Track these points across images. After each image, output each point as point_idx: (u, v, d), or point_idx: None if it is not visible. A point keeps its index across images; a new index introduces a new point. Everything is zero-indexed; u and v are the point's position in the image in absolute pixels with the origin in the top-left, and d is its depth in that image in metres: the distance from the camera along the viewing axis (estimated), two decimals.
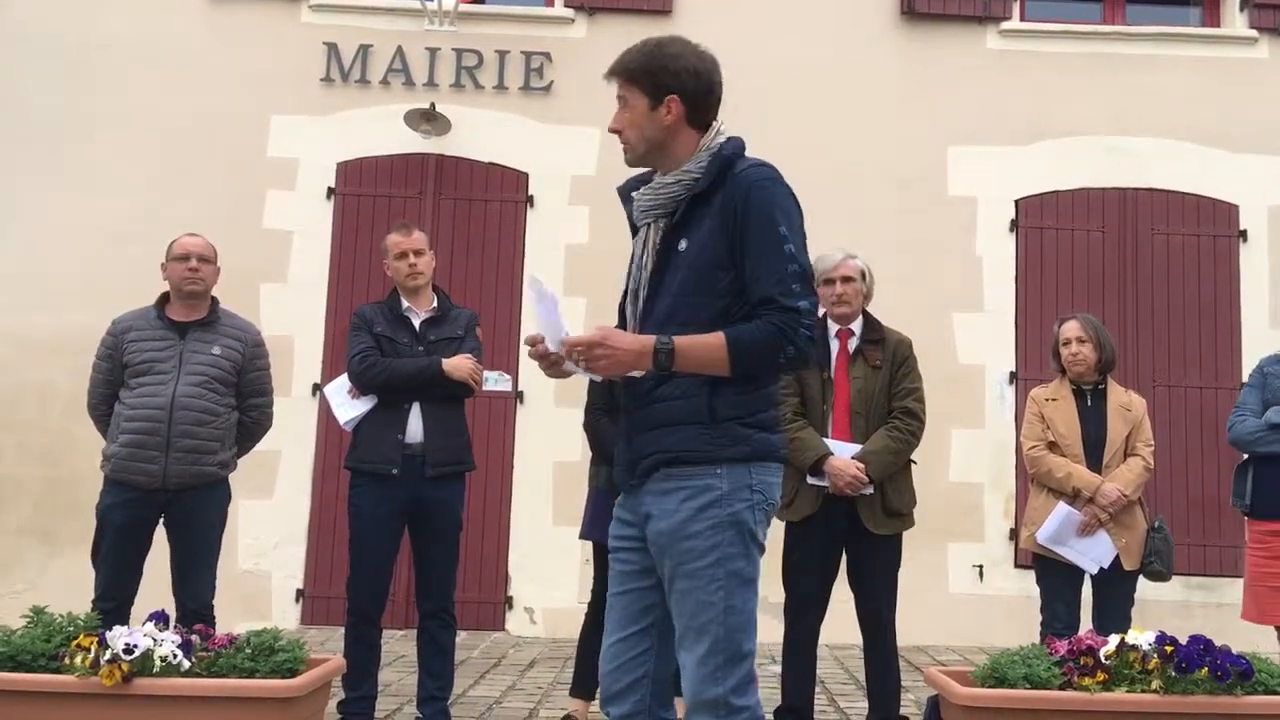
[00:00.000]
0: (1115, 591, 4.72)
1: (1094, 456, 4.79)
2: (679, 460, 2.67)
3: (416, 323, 4.67)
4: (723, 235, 2.68)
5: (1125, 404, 4.89)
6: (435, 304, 4.74)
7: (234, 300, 5.09)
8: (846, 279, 4.58)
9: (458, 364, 4.55)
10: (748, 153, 2.78)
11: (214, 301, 4.79)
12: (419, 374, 4.53)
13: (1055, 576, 4.76)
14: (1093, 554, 4.70)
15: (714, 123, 2.79)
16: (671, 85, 2.73)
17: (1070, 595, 4.75)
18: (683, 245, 2.73)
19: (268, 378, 4.91)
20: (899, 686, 4.58)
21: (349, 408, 4.63)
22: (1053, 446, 4.84)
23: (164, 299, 4.78)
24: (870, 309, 4.71)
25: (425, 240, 4.76)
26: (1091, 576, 4.76)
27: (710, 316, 2.67)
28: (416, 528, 4.63)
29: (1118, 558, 4.69)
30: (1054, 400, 4.92)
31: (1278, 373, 4.72)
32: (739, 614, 2.63)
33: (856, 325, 4.63)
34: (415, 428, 4.54)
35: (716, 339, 2.63)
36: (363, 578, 4.55)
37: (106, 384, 4.71)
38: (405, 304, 4.70)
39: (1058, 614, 4.70)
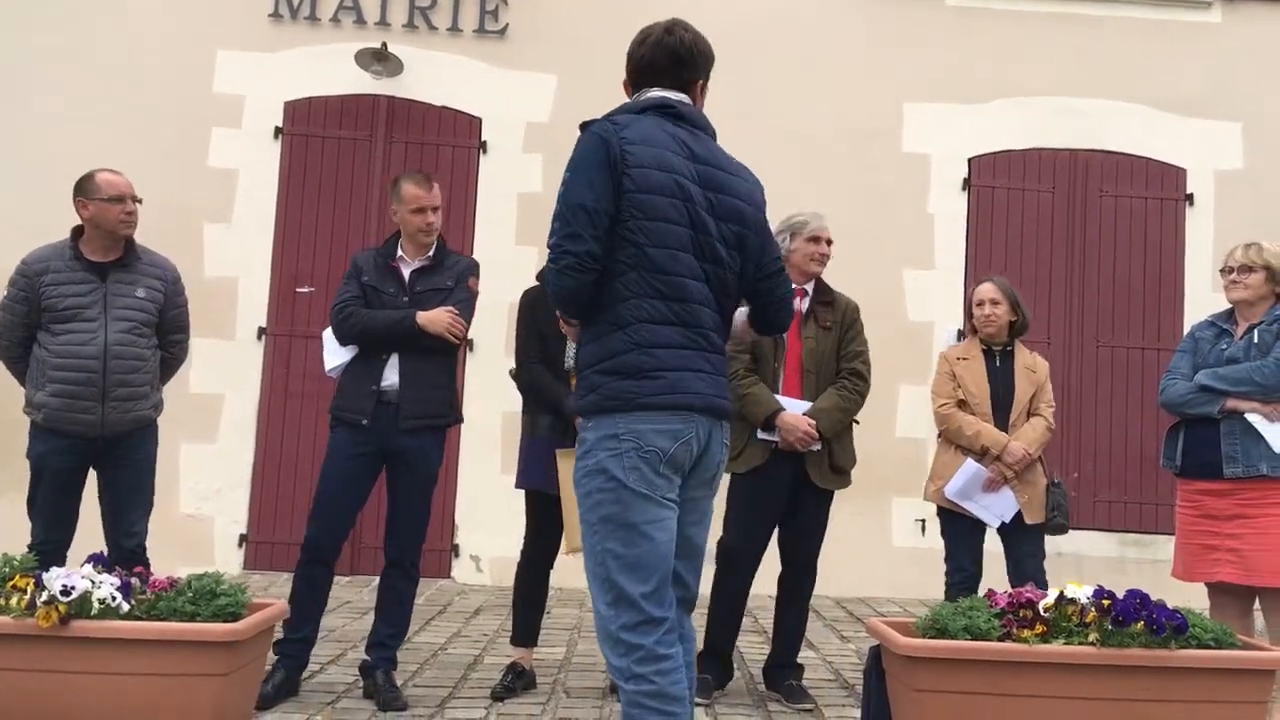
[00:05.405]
0: (1025, 545, 4.92)
1: (1001, 415, 4.95)
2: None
3: (407, 272, 4.57)
4: None
5: (1030, 365, 5.06)
6: (430, 253, 4.62)
7: (177, 240, 4.99)
8: (829, 240, 4.71)
9: (433, 317, 4.45)
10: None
11: (129, 239, 4.66)
12: (392, 327, 4.44)
13: (960, 530, 4.96)
14: (996, 509, 4.89)
15: (636, 92, 2.98)
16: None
17: (974, 547, 4.95)
18: None
19: (187, 313, 4.87)
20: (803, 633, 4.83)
21: (335, 355, 4.59)
22: (962, 405, 4.99)
23: (76, 234, 4.63)
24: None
25: (440, 196, 4.65)
26: (998, 531, 4.95)
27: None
28: (391, 477, 4.59)
29: (1019, 512, 4.88)
30: (965, 360, 5.06)
31: (1208, 337, 4.79)
32: (618, 557, 2.74)
33: (809, 286, 4.71)
34: (391, 378, 4.47)
35: None
36: (323, 517, 4.48)
37: (23, 327, 4.55)
38: (399, 253, 4.60)
39: (962, 565, 4.91)
